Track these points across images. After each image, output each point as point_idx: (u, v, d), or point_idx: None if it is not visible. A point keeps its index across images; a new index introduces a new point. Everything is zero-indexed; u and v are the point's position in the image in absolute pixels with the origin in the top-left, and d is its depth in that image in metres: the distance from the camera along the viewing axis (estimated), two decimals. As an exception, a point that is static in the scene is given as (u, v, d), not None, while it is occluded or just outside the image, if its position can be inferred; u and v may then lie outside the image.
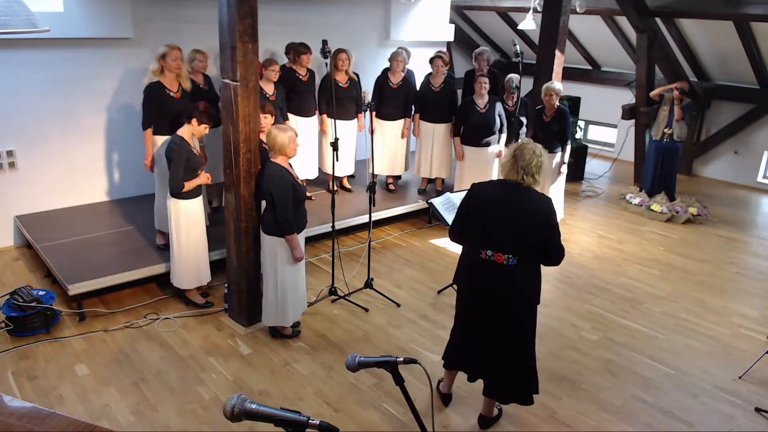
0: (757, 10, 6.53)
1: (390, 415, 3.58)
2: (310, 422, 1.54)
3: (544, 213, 3.08)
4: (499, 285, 3.12)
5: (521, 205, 3.09)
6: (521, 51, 5.65)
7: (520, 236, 3.06)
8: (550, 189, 6.13)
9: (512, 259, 3.07)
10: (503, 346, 3.22)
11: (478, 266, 3.16)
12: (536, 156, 3.10)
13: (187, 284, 4.62)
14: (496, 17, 10.18)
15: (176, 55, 4.71)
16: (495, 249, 3.09)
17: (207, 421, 3.47)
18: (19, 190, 5.61)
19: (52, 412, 1.71)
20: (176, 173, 4.22)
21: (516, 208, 3.08)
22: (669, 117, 7.15)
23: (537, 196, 3.14)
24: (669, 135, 7.35)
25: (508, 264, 3.07)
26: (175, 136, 4.32)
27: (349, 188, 6.87)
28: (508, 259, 3.07)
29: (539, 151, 3.15)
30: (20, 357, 4.02)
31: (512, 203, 3.10)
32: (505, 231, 3.07)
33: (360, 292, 5.01)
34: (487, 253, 3.10)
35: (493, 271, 3.10)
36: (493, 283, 3.13)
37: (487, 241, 3.11)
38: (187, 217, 4.39)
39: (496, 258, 3.08)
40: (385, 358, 1.94)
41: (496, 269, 3.09)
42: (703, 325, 4.80)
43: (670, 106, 7.12)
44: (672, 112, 7.08)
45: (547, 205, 3.12)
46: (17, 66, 5.35)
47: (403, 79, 6.47)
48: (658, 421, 3.63)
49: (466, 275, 3.28)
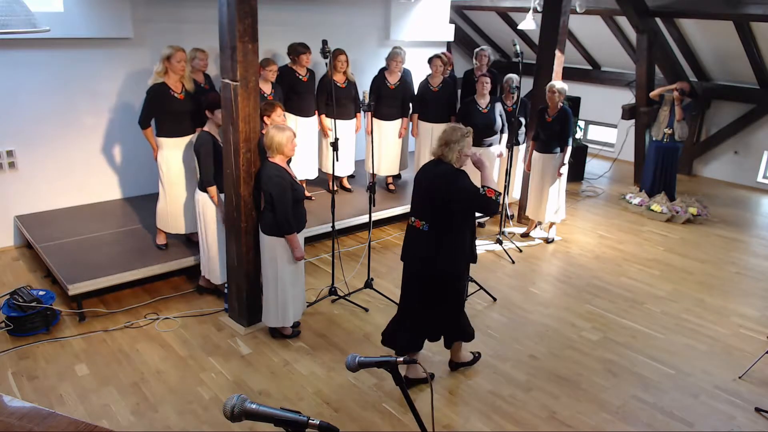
0: (757, 10, 6.53)
1: (390, 415, 3.59)
2: (310, 422, 1.54)
3: (449, 182, 3.45)
4: (414, 246, 3.60)
5: (433, 178, 3.50)
6: (521, 51, 5.65)
7: (431, 205, 3.49)
8: (550, 190, 6.12)
9: (425, 225, 3.51)
10: (431, 299, 3.65)
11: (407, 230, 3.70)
12: (446, 132, 3.52)
13: (216, 278, 4.69)
14: (496, 17, 10.18)
15: (181, 57, 4.70)
16: (415, 216, 3.59)
17: (207, 421, 3.47)
18: (19, 190, 5.61)
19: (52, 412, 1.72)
20: (207, 166, 4.35)
21: (428, 181, 3.52)
22: (670, 117, 7.15)
23: (448, 168, 3.50)
24: (669, 135, 7.36)
25: (422, 229, 3.53)
26: (201, 132, 4.43)
27: (349, 188, 6.87)
28: (423, 225, 3.52)
29: (456, 129, 3.54)
30: (20, 357, 4.02)
31: (428, 177, 3.54)
32: (421, 201, 3.55)
33: (360, 292, 5.01)
34: (411, 219, 3.61)
35: (414, 234, 3.59)
36: (409, 244, 3.64)
37: (412, 209, 3.65)
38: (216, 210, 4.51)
39: (416, 223, 3.57)
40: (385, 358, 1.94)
41: (416, 233, 3.57)
42: (703, 325, 4.80)
43: (670, 107, 7.12)
44: (673, 112, 7.09)
45: (452, 174, 3.48)
46: (17, 66, 5.35)
47: (400, 79, 6.47)
48: (658, 421, 3.63)
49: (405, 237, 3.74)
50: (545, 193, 6.17)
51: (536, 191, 6.28)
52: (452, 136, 3.48)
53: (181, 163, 4.88)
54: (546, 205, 6.20)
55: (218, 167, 4.35)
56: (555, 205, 6.20)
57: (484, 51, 6.91)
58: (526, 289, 5.30)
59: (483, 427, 3.51)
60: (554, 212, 6.25)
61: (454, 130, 3.51)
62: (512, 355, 4.28)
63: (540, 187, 6.22)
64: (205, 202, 4.48)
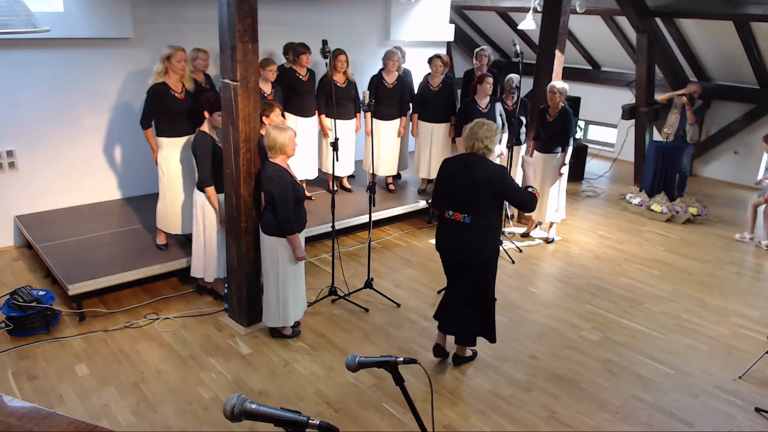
0: (757, 10, 6.53)
1: (390, 415, 3.59)
2: (310, 422, 1.54)
3: (501, 177, 3.65)
4: (457, 238, 3.73)
5: (477, 172, 3.66)
6: (521, 51, 5.65)
7: (475, 198, 3.66)
8: (550, 190, 6.12)
9: (467, 218, 3.68)
10: (468, 289, 3.86)
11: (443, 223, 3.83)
12: (485, 128, 3.67)
13: (212, 276, 4.68)
14: (496, 17, 10.18)
15: (181, 57, 4.70)
16: (454, 209, 3.71)
17: (207, 421, 3.47)
18: (19, 190, 5.61)
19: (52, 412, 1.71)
20: (204, 167, 4.35)
21: (469, 175, 3.67)
22: (681, 120, 7.21)
23: (490, 163, 3.71)
24: (668, 135, 7.39)
25: (464, 222, 3.69)
26: (198, 132, 4.42)
27: (349, 188, 6.87)
28: (464, 218, 3.68)
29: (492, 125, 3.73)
30: (20, 357, 4.02)
31: (468, 171, 3.68)
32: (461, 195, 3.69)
33: (360, 292, 5.01)
34: (448, 213, 3.73)
35: (456, 227, 3.72)
36: (452, 237, 3.75)
37: (446, 204, 3.76)
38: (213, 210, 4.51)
39: (455, 217, 3.70)
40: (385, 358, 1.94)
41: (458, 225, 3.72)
42: (703, 325, 4.80)
43: (681, 110, 7.19)
44: (683, 115, 7.18)
45: (501, 170, 3.71)
46: (17, 66, 5.35)
47: (398, 79, 6.48)
48: (658, 421, 3.63)
49: (438, 231, 3.88)
50: (546, 193, 6.17)
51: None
52: (488, 132, 3.66)
53: (180, 163, 4.88)
54: (546, 205, 6.20)
55: (216, 168, 4.35)
56: (555, 204, 6.21)
57: (484, 51, 6.91)
58: (526, 289, 5.30)
59: (483, 427, 3.51)
60: (554, 212, 6.25)
61: (485, 124, 3.70)
62: (512, 355, 4.28)
63: (540, 187, 6.21)
64: (204, 202, 4.48)
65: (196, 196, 4.53)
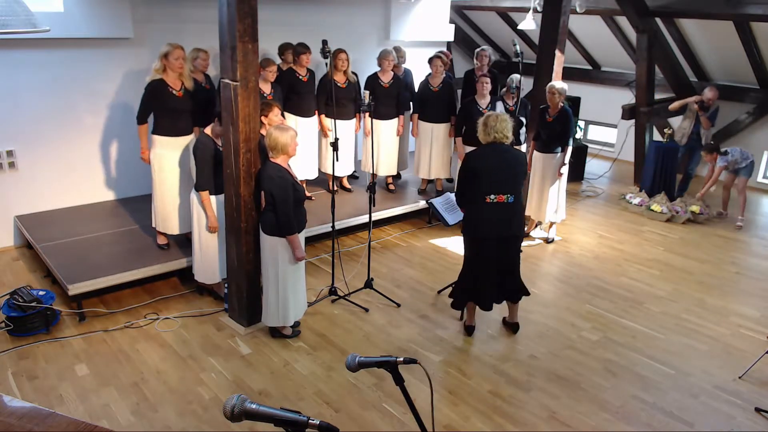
0: (757, 10, 6.52)
1: (390, 415, 3.59)
2: (310, 422, 1.54)
3: (522, 161, 4.26)
4: (505, 217, 4.12)
5: (512, 158, 4.15)
6: (521, 51, 5.65)
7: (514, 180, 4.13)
8: (550, 190, 6.12)
9: (510, 197, 4.11)
10: (510, 260, 4.30)
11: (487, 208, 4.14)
12: (499, 120, 4.09)
13: (212, 278, 4.67)
14: (496, 17, 10.18)
15: (179, 54, 4.69)
16: (496, 192, 4.08)
17: (207, 421, 3.47)
18: (19, 190, 5.61)
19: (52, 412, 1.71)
20: (203, 170, 4.34)
21: (507, 160, 4.12)
22: (695, 125, 7.29)
23: (514, 149, 4.25)
24: (669, 135, 7.39)
25: (508, 201, 4.11)
26: (202, 134, 4.42)
27: (349, 188, 6.87)
28: (507, 198, 4.10)
29: (501, 116, 4.15)
30: (20, 357, 4.02)
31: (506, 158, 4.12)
32: (506, 178, 4.11)
33: (360, 292, 5.01)
34: (491, 197, 4.06)
35: (502, 207, 4.11)
36: (499, 217, 4.12)
37: (491, 188, 4.08)
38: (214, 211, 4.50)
39: (498, 199, 4.07)
40: (385, 358, 1.94)
41: (503, 206, 4.12)
42: (703, 325, 4.80)
43: (694, 115, 7.25)
44: (697, 119, 7.28)
45: (521, 155, 4.33)
46: (17, 66, 5.35)
47: (393, 77, 6.48)
48: (658, 421, 3.63)
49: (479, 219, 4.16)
50: (545, 193, 6.17)
51: (537, 191, 6.28)
52: (503, 122, 4.09)
53: (174, 163, 4.85)
54: (546, 205, 6.20)
55: (216, 172, 4.32)
56: (555, 204, 6.20)
57: (485, 51, 6.91)
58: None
59: (483, 427, 3.52)
60: (554, 212, 6.25)
61: (497, 117, 4.11)
62: (512, 355, 4.28)
63: (540, 187, 6.22)
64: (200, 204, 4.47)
65: (193, 196, 4.52)
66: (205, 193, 4.39)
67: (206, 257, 4.62)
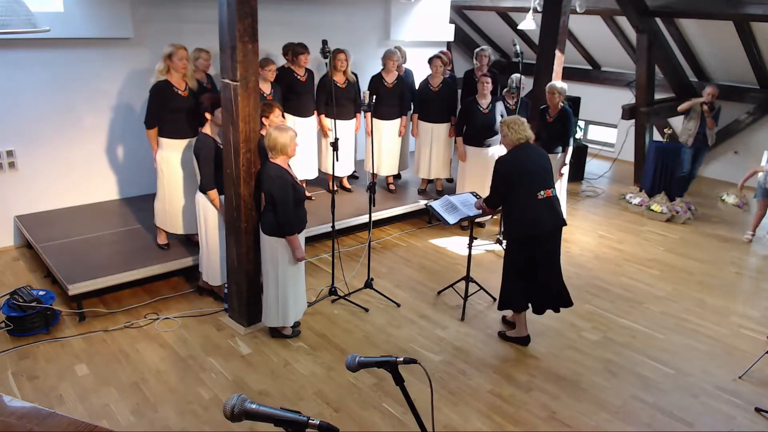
0: (757, 10, 6.52)
1: (390, 415, 3.59)
2: (310, 422, 1.54)
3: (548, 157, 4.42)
4: (555, 211, 4.25)
5: (544, 155, 4.36)
6: (521, 51, 5.65)
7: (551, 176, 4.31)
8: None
9: (554, 191, 4.27)
10: (556, 259, 4.34)
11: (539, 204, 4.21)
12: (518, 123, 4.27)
13: (214, 280, 4.68)
14: (496, 17, 10.18)
15: (182, 55, 4.68)
16: (543, 188, 4.21)
17: (207, 421, 3.47)
18: (19, 190, 5.61)
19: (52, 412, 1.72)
20: (207, 170, 4.33)
21: (543, 157, 4.32)
22: (700, 125, 7.34)
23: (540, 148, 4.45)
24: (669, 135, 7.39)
25: (553, 195, 4.26)
26: (201, 134, 4.41)
27: (349, 188, 6.87)
28: (552, 192, 4.25)
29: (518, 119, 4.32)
30: (20, 357, 4.02)
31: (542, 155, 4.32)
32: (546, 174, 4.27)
33: (360, 292, 5.01)
34: (540, 194, 4.17)
35: (551, 201, 4.24)
36: (551, 212, 4.22)
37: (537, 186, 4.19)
38: (217, 212, 4.50)
39: (547, 194, 4.21)
40: (385, 358, 1.94)
41: (550, 201, 4.24)
42: (703, 325, 4.80)
43: (699, 115, 7.30)
44: (703, 120, 7.31)
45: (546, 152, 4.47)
46: (17, 66, 5.35)
47: (397, 78, 6.48)
48: (658, 421, 3.63)
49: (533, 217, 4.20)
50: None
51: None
52: (522, 125, 4.26)
53: (180, 164, 4.87)
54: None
55: (219, 170, 4.34)
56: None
57: (485, 51, 6.91)
58: (526, 289, 5.30)
59: (483, 427, 3.52)
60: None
61: (515, 122, 4.27)
62: (512, 355, 4.28)
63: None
64: (206, 204, 4.47)
65: (198, 197, 4.52)
66: (213, 192, 4.39)
67: (212, 259, 4.63)
